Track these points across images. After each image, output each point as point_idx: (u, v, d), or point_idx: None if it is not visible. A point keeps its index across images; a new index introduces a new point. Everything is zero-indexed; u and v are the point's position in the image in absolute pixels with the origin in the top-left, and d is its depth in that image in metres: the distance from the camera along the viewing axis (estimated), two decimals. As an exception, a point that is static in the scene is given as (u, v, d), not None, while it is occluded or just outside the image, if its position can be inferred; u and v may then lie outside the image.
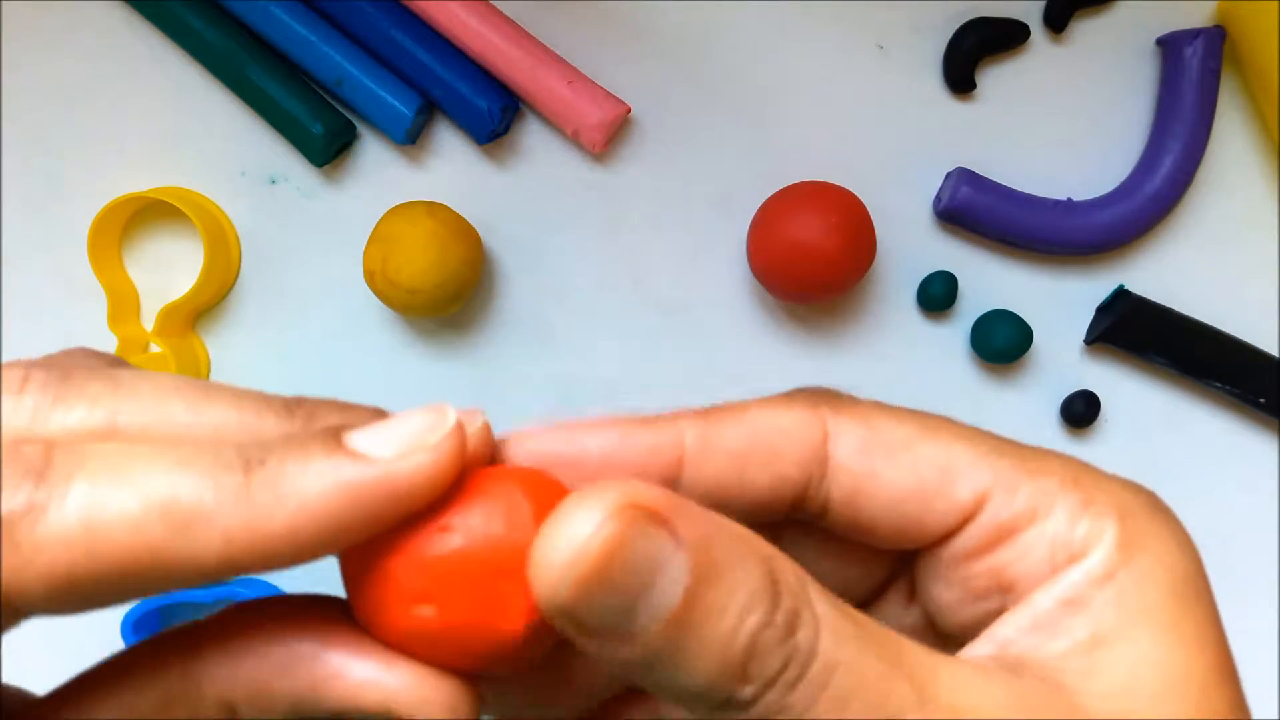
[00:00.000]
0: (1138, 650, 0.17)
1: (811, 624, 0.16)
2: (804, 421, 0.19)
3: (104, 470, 0.15)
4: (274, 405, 0.18)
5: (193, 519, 0.15)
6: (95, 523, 0.15)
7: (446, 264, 0.41)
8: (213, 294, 0.45)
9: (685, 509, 0.15)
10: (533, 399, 0.45)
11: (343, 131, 0.44)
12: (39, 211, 0.45)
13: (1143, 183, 0.43)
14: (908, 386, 0.45)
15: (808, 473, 0.19)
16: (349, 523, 0.16)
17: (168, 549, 0.15)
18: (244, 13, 0.43)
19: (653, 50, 0.45)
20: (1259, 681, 0.44)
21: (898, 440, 0.19)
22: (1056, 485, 0.19)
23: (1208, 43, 0.42)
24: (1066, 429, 0.45)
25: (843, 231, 0.40)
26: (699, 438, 0.19)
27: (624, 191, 0.45)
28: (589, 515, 0.15)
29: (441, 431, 0.16)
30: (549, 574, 0.15)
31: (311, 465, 0.16)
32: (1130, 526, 0.18)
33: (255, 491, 0.15)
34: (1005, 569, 0.19)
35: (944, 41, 0.44)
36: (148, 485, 0.15)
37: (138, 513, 0.15)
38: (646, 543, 0.15)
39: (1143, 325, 0.43)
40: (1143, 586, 0.18)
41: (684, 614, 0.15)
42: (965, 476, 0.19)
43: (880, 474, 0.19)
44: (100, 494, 0.15)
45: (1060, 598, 0.18)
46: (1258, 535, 0.45)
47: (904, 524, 0.19)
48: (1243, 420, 0.45)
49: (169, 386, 0.17)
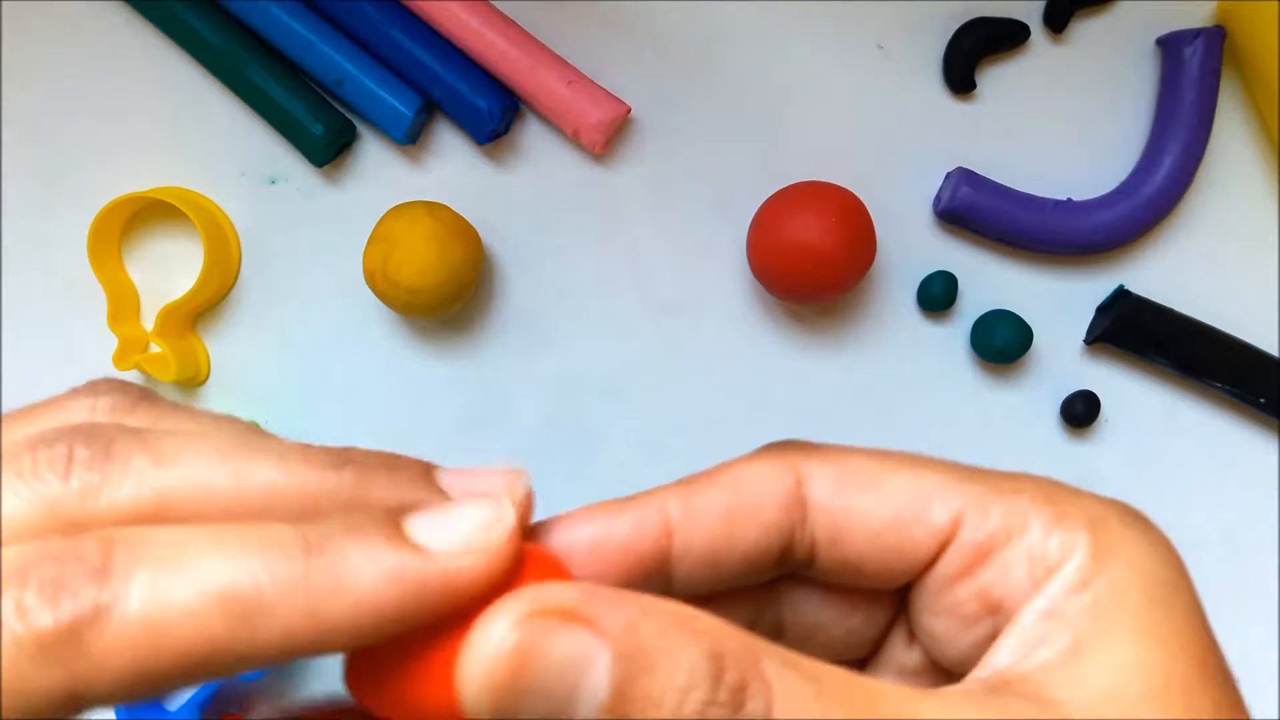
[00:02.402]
0: (1118, 655, 0.17)
1: (762, 693, 0.15)
2: (777, 470, 0.20)
3: (162, 563, 0.15)
4: (320, 460, 0.17)
5: (253, 610, 0.15)
6: (158, 620, 0.15)
7: (446, 264, 0.41)
8: (213, 294, 0.45)
9: (606, 600, 0.15)
10: (533, 399, 0.45)
11: (343, 131, 0.44)
12: (39, 211, 0.45)
13: (1143, 183, 0.43)
14: (908, 386, 0.45)
15: (790, 518, 0.20)
16: (405, 615, 0.16)
17: (230, 640, 0.15)
18: (244, 13, 0.43)
19: (653, 50, 0.45)
20: (1259, 681, 0.44)
21: (869, 474, 0.20)
22: (1028, 502, 0.19)
23: (1208, 43, 0.42)
24: (1066, 429, 0.45)
25: (843, 231, 0.40)
26: (681, 506, 0.20)
27: (624, 191, 0.45)
28: (499, 626, 0.15)
29: (501, 530, 0.16)
30: (470, 688, 0.15)
31: (371, 555, 0.16)
32: (1102, 535, 0.18)
33: (314, 581, 0.15)
34: (990, 589, 0.19)
35: (944, 41, 0.44)
36: (207, 577, 0.15)
37: (198, 606, 0.15)
38: (565, 643, 0.15)
39: (1143, 325, 0.43)
40: (1118, 592, 0.18)
41: (617, 706, 0.15)
42: (938, 501, 0.19)
43: (856, 508, 0.20)
44: (161, 589, 0.15)
45: (1041, 610, 0.18)
46: (1258, 535, 0.45)
47: (886, 556, 0.20)
48: (1243, 420, 0.45)
49: (211, 452, 0.17)
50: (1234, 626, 0.19)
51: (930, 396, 0.45)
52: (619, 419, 0.45)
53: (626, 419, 0.45)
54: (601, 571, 0.19)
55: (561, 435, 0.45)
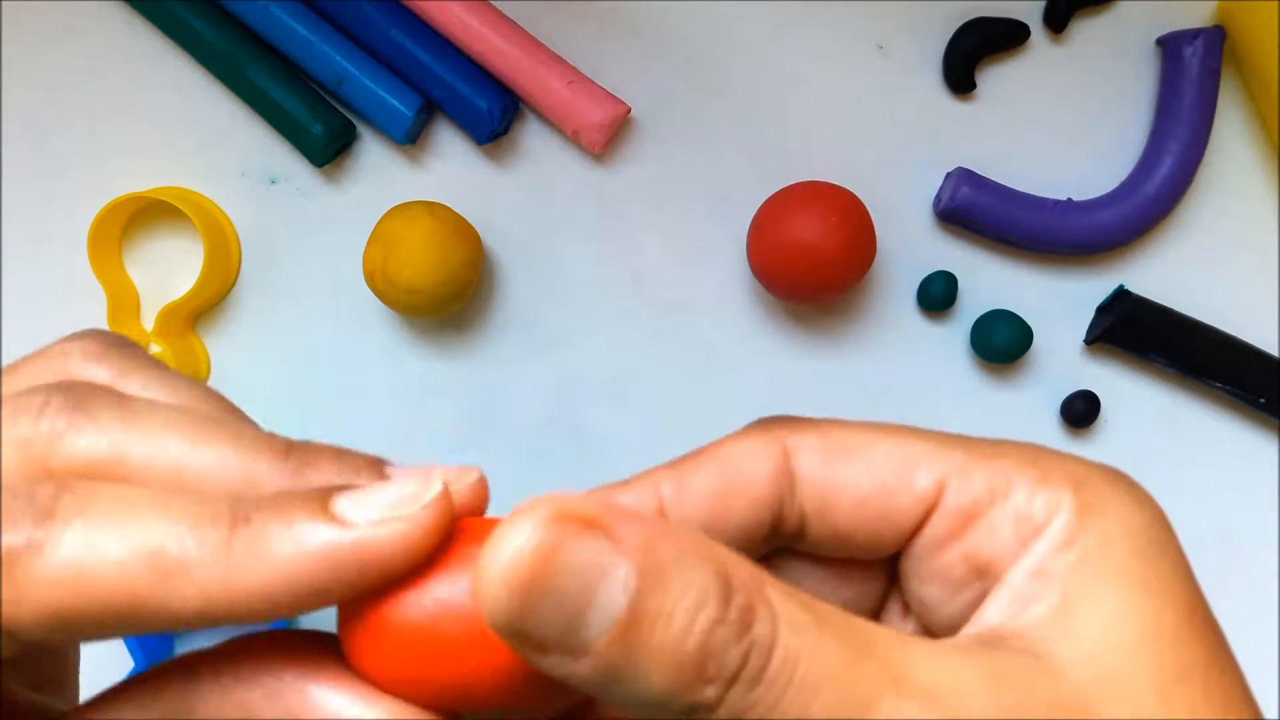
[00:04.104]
0: (1107, 609, 0.18)
1: (768, 617, 0.16)
2: (764, 445, 0.20)
3: (102, 515, 0.16)
4: (273, 447, 0.18)
5: (174, 571, 0.16)
6: (85, 566, 0.16)
7: (446, 264, 0.41)
8: (213, 294, 0.45)
9: (625, 516, 0.16)
10: (533, 399, 0.45)
11: (343, 131, 0.44)
12: (39, 211, 0.45)
13: (1143, 183, 0.43)
14: (908, 386, 0.45)
15: (778, 491, 0.20)
16: (323, 586, 0.16)
17: (149, 597, 0.16)
18: (244, 13, 0.43)
19: (653, 50, 0.45)
20: (1259, 681, 0.44)
21: (853, 444, 0.20)
22: (1010, 466, 0.20)
23: (1208, 43, 0.42)
24: (1066, 429, 0.45)
25: (843, 231, 0.40)
26: (673, 485, 0.20)
27: (624, 191, 0.45)
28: (522, 528, 0.15)
29: (421, 501, 0.17)
30: (489, 589, 0.15)
31: (292, 528, 0.16)
32: (1087, 493, 0.19)
33: (235, 549, 0.16)
34: (977, 552, 0.19)
35: (944, 41, 0.44)
36: (139, 534, 0.16)
37: (125, 560, 0.16)
38: (585, 550, 0.15)
39: (1143, 325, 0.43)
40: (1105, 547, 0.18)
41: (632, 619, 0.15)
42: (922, 468, 0.20)
43: (842, 478, 0.20)
44: (94, 539, 0.16)
45: (1029, 569, 0.19)
46: (1258, 535, 0.45)
47: (874, 525, 0.20)
48: (1243, 420, 0.45)
49: (174, 421, 0.18)
50: (1234, 626, 0.19)
51: (930, 396, 0.45)
52: (619, 419, 0.45)
53: (626, 419, 0.45)
54: None
55: (561, 435, 0.45)
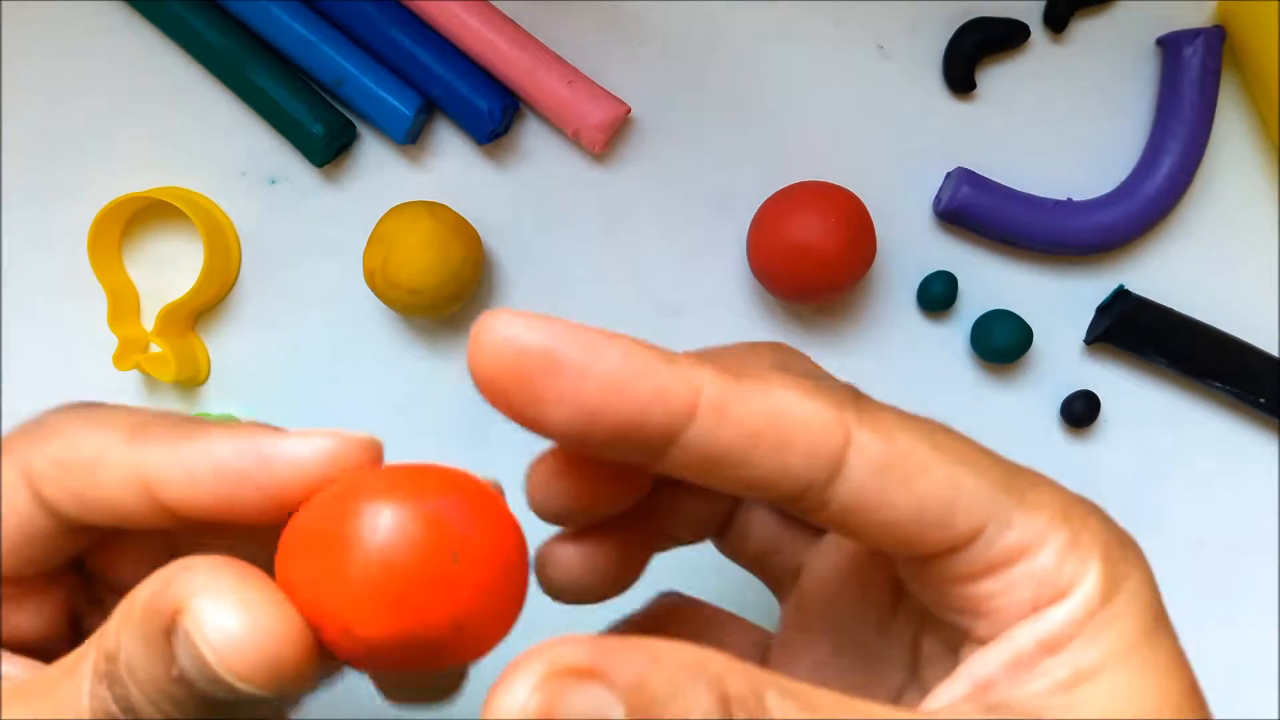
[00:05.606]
0: (1116, 684, 0.18)
1: None
2: (828, 421, 0.19)
3: (63, 435, 0.22)
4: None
5: (93, 468, 0.21)
6: (56, 460, 0.22)
7: (446, 264, 0.41)
8: (213, 294, 0.45)
9: (617, 652, 0.16)
10: (533, 399, 0.45)
11: (343, 131, 0.44)
12: (39, 211, 0.45)
13: (1143, 183, 0.43)
14: (908, 386, 0.45)
15: (814, 475, 0.19)
16: (223, 491, 0.21)
17: (80, 489, 0.22)
18: (244, 13, 0.43)
19: (653, 50, 0.45)
20: (1259, 681, 0.44)
21: (911, 467, 0.19)
22: (1046, 522, 0.19)
23: (1208, 43, 0.42)
24: (1066, 429, 0.45)
25: (843, 231, 0.40)
26: (716, 400, 0.18)
27: (624, 191, 0.45)
28: (521, 688, 0.16)
29: (321, 434, 0.21)
30: None
31: (200, 439, 0.21)
32: (1110, 567, 0.19)
33: (143, 452, 0.21)
34: (987, 600, 0.19)
35: (944, 41, 0.44)
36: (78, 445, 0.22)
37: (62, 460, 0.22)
38: (582, 699, 0.16)
39: (1143, 325, 0.43)
40: (1120, 624, 0.19)
41: None
42: (965, 510, 0.19)
43: (886, 497, 0.19)
44: (54, 445, 0.22)
45: (1041, 637, 0.19)
46: (1258, 535, 0.45)
47: (895, 545, 0.20)
48: (1243, 420, 0.45)
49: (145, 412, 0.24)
50: (1234, 626, 0.19)
51: (930, 396, 0.45)
52: (619, 419, 0.45)
53: (626, 419, 0.45)
54: (597, 421, 0.18)
55: (561, 435, 0.45)
